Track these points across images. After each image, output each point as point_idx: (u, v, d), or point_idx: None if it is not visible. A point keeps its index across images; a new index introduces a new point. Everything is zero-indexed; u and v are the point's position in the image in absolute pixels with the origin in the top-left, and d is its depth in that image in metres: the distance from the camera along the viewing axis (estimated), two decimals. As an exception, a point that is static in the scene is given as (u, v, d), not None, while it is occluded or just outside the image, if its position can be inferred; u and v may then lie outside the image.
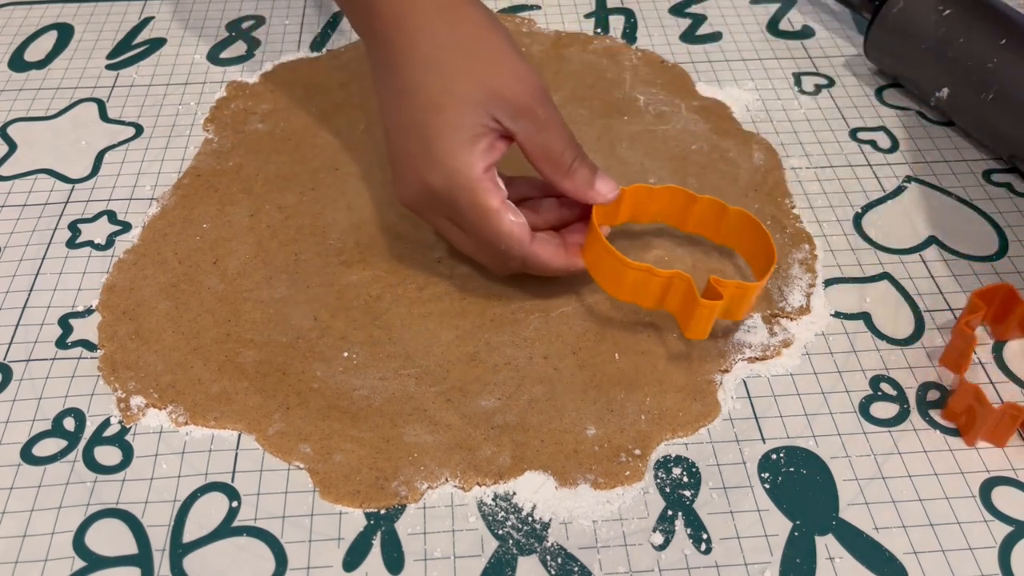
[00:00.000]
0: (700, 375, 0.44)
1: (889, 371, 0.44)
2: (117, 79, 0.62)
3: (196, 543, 0.38)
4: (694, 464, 0.41)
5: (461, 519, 0.39)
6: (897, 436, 0.42)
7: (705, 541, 0.38)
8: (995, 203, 0.53)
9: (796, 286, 0.48)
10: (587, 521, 0.39)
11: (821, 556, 0.38)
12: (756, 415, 0.43)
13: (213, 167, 0.54)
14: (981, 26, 0.54)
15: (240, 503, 0.39)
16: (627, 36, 0.65)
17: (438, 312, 0.46)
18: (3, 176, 0.55)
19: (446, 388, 0.43)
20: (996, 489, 0.40)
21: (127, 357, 0.44)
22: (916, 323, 0.47)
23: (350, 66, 0.62)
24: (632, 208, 0.47)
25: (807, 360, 0.45)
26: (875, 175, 0.55)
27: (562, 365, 0.44)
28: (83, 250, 0.50)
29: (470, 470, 0.40)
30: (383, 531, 0.39)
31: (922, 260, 0.50)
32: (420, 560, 0.38)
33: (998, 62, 0.52)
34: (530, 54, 0.62)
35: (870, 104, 0.60)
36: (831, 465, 0.41)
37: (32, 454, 0.41)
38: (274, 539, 0.38)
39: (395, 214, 0.51)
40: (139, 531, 0.39)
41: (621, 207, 0.47)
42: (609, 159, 0.55)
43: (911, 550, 0.38)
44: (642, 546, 0.38)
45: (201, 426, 0.42)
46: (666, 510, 0.39)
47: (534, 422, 0.42)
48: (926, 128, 0.58)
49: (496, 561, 0.38)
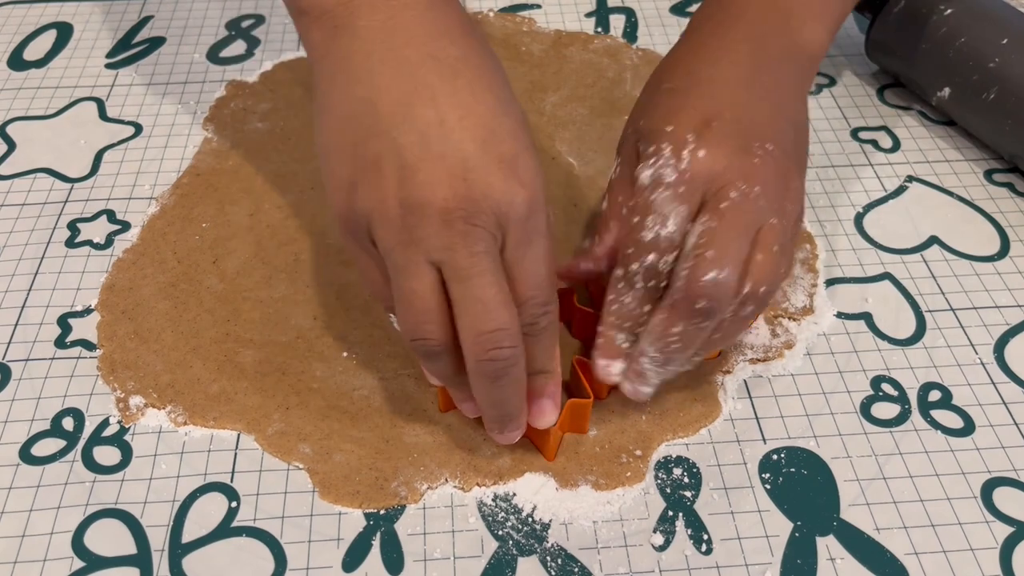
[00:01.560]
0: (701, 376, 0.44)
1: (890, 371, 0.44)
2: (116, 78, 0.62)
3: (195, 543, 0.38)
4: (695, 465, 0.41)
5: (461, 520, 0.39)
6: (898, 436, 0.42)
7: (706, 542, 0.38)
8: (997, 203, 0.53)
9: (799, 286, 0.47)
10: (587, 522, 0.39)
11: (822, 557, 0.38)
12: (757, 415, 0.42)
13: (212, 166, 0.54)
14: (982, 25, 0.53)
15: (239, 503, 0.39)
16: (628, 35, 0.65)
17: (438, 312, 0.46)
18: (2, 175, 0.54)
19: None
20: (997, 490, 0.40)
21: (126, 357, 0.44)
22: (917, 323, 0.46)
23: (350, 65, 0.61)
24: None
25: (808, 360, 0.45)
26: (876, 175, 0.55)
27: (562, 365, 0.44)
28: (82, 249, 0.50)
29: (470, 471, 0.40)
30: (383, 531, 0.38)
31: (923, 260, 0.50)
32: (420, 561, 0.38)
33: (999, 62, 0.52)
34: (531, 53, 0.62)
35: (871, 104, 0.60)
36: (832, 466, 0.41)
37: (31, 454, 0.41)
38: (273, 539, 0.38)
39: (395, 214, 0.51)
40: (138, 531, 0.38)
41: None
42: (609, 158, 0.54)
43: (912, 551, 0.38)
44: (643, 547, 0.38)
45: (200, 426, 0.42)
46: (667, 511, 0.39)
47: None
48: (927, 128, 0.58)
49: (496, 562, 0.37)
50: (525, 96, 0.59)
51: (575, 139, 0.56)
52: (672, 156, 0.38)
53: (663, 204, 0.37)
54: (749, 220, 0.37)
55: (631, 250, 0.38)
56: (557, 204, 0.52)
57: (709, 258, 0.36)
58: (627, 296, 0.38)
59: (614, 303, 0.39)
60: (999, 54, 0.52)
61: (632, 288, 0.38)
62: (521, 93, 0.59)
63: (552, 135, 0.56)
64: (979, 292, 0.48)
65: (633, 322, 0.39)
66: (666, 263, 0.37)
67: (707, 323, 0.37)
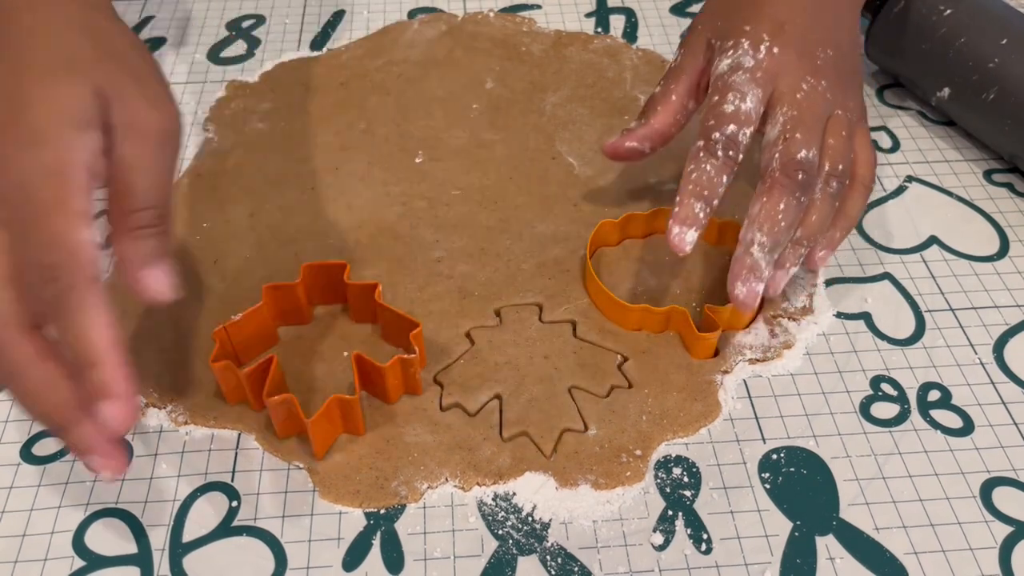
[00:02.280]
0: (701, 375, 0.44)
1: (890, 371, 0.44)
2: (117, 78, 0.62)
3: (196, 543, 0.38)
4: (694, 464, 0.41)
5: (461, 519, 0.39)
6: (898, 436, 0.42)
7: (705, 541, 0.38)
8: (996, 203, 0.53)
9: (799, 286, 0.48)
10: (587, 521, 0.39)
11: (821, 556, 0.38)
12: (757, 415, 0.43)
13: (213, 167, 0.54)
14: (982, 26, 0.53)
15: (240, 503, 0.39)
16: (628, 35, 0.65)
17: (438, 312, 0.46)
18: (3, 175, 0.54)
19: (446, 387, 0.43)
20: (997, 490, 0.40)
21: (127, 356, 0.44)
22: (917, 323, 0.46)
23: (350, 65, 0.62)
24: (622, 233, 0.50)
25: (808, 360, 0.45)
26: (876, 175, 0.55)
27: (562, 364, 0.44)
28: (83, 249, 0.50)
29: (470, 470, 0.40)
30: (383, 531, 0.39)
31: (923, 260, 0.50)
32: (420, 560, 0.38)
33: (999, 62, 0.52)
34: (531, 53, 0.62)
35: (871, 104, 0.60)
36: (831, 465, 0.41)
37: (32, 453, 0.41)
38: (274, 539, 0.38)
39: (394, 214, 0.51)
40: (139, 530, 0.39)
41: (616, 234, 0.49)
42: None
43: (911, 550, 0.38)
44: (642, 546, 0.38)
45: (201, 426, 0.42)
46: (666, 510, 0.39)
47: (535, 421, 0.42)
48: (927, 128, 0.58)
49: (496, 561, 0.38)
50: (525, 96, 0.59)
51: (575, 139, 0.56)
52: (751, 49, 0.43)
53: (742, 84, 0.42)
54: (820, 110, 0.43)
55: (712, 122, 0.42)
56: (557, 204, 0.52)
57: (799, 139, 0.41)
58: (707, 164, 0.41)
59: (694, 172, 0.42)
60: (999, 54, 0.52)
61: (712, 156, 0.41)
62: (521, 93, 0.59)
63: (552, 135, 0.56)
64: (978, 292, 0.48)
65: (710, 191, 0.41)
66: (744, 135, 0.42)
67: (804, 196, 0.41)
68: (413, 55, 0.62)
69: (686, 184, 0.41)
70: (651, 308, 0.44)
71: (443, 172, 0.54)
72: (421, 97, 0.59)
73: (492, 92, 0.59)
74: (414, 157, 0.55)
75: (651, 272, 0.48)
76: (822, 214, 0.42)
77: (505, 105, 0.58)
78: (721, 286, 0.45)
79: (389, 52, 0.63)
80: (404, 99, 0.59)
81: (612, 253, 0.49)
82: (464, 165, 0.54)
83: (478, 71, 0.61)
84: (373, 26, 0.65)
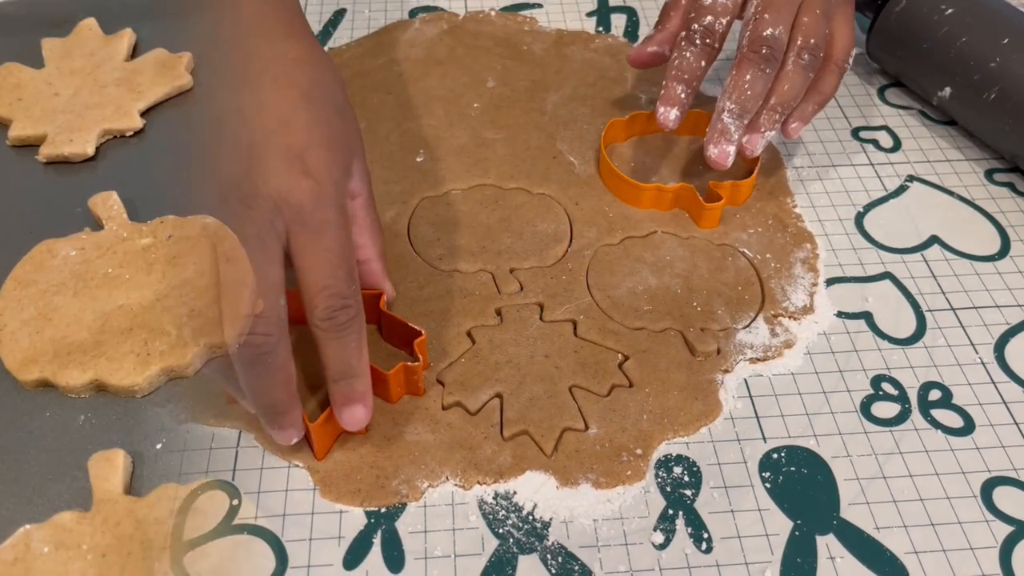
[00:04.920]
0: (701, 375, 0.44)
1: (890, 371, 0.44)
2: (118, 77, 0.61)
3: (196, 541, 0.38)
4: (695, 463, 0.41)
5: (462, 518, 0.39)
6: (898, 436, 0.42)
7: (706, 540, 0.38)
8: (997, 203, 0.53)
9: (799, 285, 0.48)
10: (588, 520, 0.39)
11: (822, 555, 0.38)
12: (757, 414, 0.43)
13: (214, 165, 0.54)
14: (983, 25, 0.53)
15: (240, 501, 0.39)
16: (629, 35, 0.65)
17: (439, 310, 0.46)
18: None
19: (446, 386, 0.43)
20: (997, 489, 0.40)
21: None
22: (918, 323, 0.46)
23: (350, 65, 0.62)
24: (628, 131, 0.55)
25: (808, 359, 0.45)
26: (877, 174, 0.55)
27: (563, 363, 0.44)
28: (84, 248, 0.50)
29: (471, 469, 0.40)
30: (383, 530, 0.39)
31: (924, 259, 0.50)
32: (420, 559, 0.38)
33: (1000, 61, 0.52)
34: (532, 52, 0.62)
35: (872, 103, 0.60)
36: (832, 464, 0.41)
37: (33, 452, 0.41)
38: (275, 537, 0.38)
39: (393, 212, 0.51)
40: (139, 529, 0.39)
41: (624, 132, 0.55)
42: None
43: (912, 550, 0.38)
44: (643, 545, 0.38)
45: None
46: (667, 509, 0.39)
47: (535, 420, 0.42)
48: (928, 127, 0.58)
49: (496, 560, 0.38)
50: (527, 95, 0.59)
51: (576, 138, 0.56)
52: None
53: None
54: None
55: (693, 14, 0.48)
56: (557, 204, 0.52)
57: (767, 19, 0.46)
58: (688, 51, 0.47)
59: (677, 59, 0.48)
60: (1000, 54, 0.52)
61: (692, 45, 0.47)
62: (522, 92, 0.59)
63: (553, 134, 0.56)
64: (979, 292, 0.48)
65: (690, 75, 0.47)
66: (721, 24, 0.47)
67: (769, 69, 0.46)
68: (414, 54, 0.62)
69: (670, 70, 0.48)
70: (662, 186, 0.50)
71: (444, 171, 0.54)
72: (422, 96, 0.59)
73: (493, 91, 0.59)
74: (415, 156, 0.55)
75: (651, 272, 0.48)
76: (794, 83, 0.47)
77: (506, 104, 0.58)
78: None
79: (390, 51, 0.63)
80: (405, 98, 0.59)
81: (612, 253, 0.49)
82: (465, 164, 0.54)
83: (479, 70, 0.61)
84: (374, 25, 0.65)
